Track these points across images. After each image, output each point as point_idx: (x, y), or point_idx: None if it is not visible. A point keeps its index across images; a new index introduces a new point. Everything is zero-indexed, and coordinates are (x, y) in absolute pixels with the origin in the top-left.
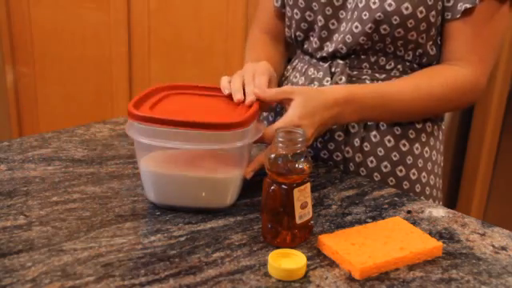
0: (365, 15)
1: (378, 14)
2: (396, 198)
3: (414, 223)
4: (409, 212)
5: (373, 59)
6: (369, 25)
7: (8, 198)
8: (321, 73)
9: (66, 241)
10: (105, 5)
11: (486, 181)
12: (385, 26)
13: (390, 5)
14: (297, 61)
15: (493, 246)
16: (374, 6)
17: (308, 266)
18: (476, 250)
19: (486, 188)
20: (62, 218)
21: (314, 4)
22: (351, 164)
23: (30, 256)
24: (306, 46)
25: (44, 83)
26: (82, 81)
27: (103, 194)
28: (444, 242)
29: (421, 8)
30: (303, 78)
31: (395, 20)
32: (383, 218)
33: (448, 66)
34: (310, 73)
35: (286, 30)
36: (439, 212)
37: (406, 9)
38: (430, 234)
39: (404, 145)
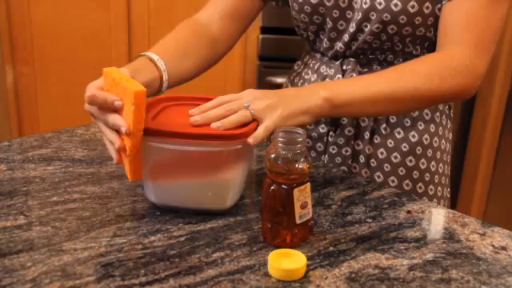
0: (372, 15)
1: (385, 14)
2: (396, 198)
3: (414, 223)
4: (409, 212)
5: (381, 57)
6: (376, 25)
7: (8, 198)
8: (332, 70)
9: (66, 241)
10: (105, 5)
11: (486, 181)
12: (392, 26)
13: (395, 5)
14: (308, 57)
15: (493, 245)
16: (380, 7)
17: (308, 266)
18: (476, 250)
19: (486, 188)
20: (62, 218)
21: (320, 8)
22: (361, 156)
23: (30, 256)
24: (317, 45)
25: (44, 83)
26: (82, 81)
27: (103, 194)
28: (444, 242)
29: (427, 4)
30: (315, 75)
31: (402, 19)
32: (383, 218)
33: (438, 51)
34: (322, 70)
35: (296, 29)
36: (439, 212)
37: (413, 7)
38: (430, 233)
39: (413, 136)
